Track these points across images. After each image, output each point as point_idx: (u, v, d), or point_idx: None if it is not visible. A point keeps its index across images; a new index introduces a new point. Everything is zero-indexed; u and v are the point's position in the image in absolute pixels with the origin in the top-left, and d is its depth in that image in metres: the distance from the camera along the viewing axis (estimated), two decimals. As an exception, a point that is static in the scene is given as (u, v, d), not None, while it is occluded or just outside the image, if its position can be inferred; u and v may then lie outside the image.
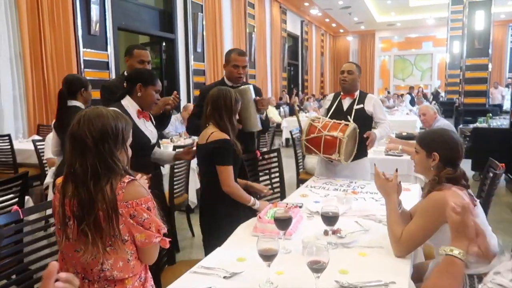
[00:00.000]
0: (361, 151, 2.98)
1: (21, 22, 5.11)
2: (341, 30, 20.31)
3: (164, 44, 8.27)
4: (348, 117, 2.93)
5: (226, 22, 9.97)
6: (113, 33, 6.43)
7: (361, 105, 3.03)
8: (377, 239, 1.78)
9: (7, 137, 4.23)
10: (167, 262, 2.14)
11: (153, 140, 2.37)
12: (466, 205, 1.13)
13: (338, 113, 3.01)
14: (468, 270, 1.53)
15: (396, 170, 1.82)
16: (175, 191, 3.30)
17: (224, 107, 2.23)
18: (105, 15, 6.26)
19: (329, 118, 2.97)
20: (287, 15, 14.14)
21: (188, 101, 8.31)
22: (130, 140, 1.43)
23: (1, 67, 5.02)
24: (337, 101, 3.10)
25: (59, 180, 1.38)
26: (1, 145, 4.27)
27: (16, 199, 2.11)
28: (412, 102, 12.43)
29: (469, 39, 10.04)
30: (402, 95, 14.12)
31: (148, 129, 2.33)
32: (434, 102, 13.51)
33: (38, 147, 3.89)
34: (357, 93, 3.08)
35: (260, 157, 2.96)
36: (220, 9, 9.51)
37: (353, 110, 3.00)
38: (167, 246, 1.39)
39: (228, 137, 2.19)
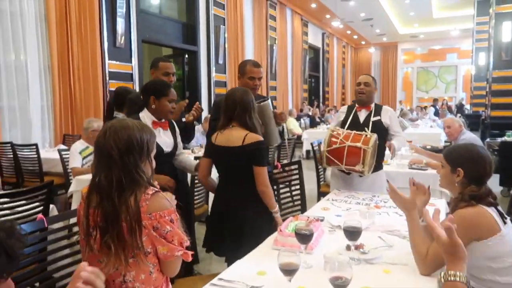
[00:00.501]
0: (378, 164, 2.96)
1: (50, 36, 5.29)
2: (363, 42, 20.22)
3: (186, 56, 8.41)
4: (366, 129, 2.89)
5: (248, 34, 10.07)
6: (137, 46, 6.59)
7: (378, 117, 3.02)
8: (401, 256, 1.72)
9: (34, 146, 4.35)
10: (184, 273, 2.14)
11: (167, 149, 2.39)
12: (448, 225, 1.09)
13: (355, 125, 2.99)
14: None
15: (429, 187, 1.75)
16: (195, 201, 3.31)
17: (252, 107, 2.24)
18: (130, 28, 6.43)
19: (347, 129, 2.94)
20: (309, 27, 14.18)
21: (210, 112, 8.39)
22: (154, 151, 1.45)
23: (31, 79, 5.20)
24: (352, 114, 3.08)
25: (85, 189, 1.40)
26: (28, 154, 4.39)
27: (41, 208, 2.15)
28: (437, 115, 12.19)
29: (496, 50, 9.79)
30: (425, 108, 13.86)
31: (163, 138, 2.37)
32: (459, 115, 13.21)
33: (63, 156, 3.98)
34: (372, 105, 3.08)
35: (281, 169, 2.94)
36: (242, 22, 9.63)
37: (370, 122, 2.98)
38: (190, 259, 1.38)
39: (262, 138, 2.22)
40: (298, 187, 3.08)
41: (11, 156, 4.47)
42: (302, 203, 3.02)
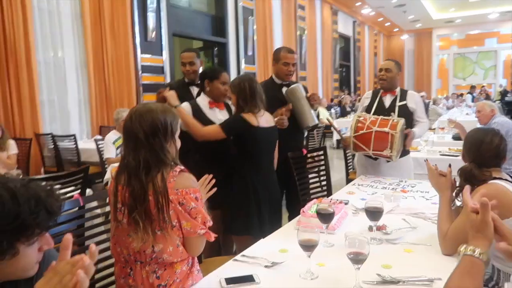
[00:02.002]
0: (404, 149, 2.92)
1: (85, 33, 5.52)
2: (396, 29, 19.63)
3: (216, 48, 8.51)
4: (392, 113, 2.86)
5: (276, 25, 10.04)
6: (168, 39, 6.75)
7: (404, 102, 2.98)
8: (425, 237, 1.73)
9: (72, 137, 4.59)
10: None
11: None
12: (485, 203, 1.06)
13: (381, 110, 2.96)
14: (494, 263, 1.45)
15: (450, 166, 1.75)
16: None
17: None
18: (160, 22, 6.59)
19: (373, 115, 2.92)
20: (338, 16, 13.93)
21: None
22: (178, 132, 1.52)
23: (68, 74, 5.46)
24: (377, 99, 3.05)
25: (115, 169, 1.50)
26: (67, 144, 4.64)
27: (79, 191, 2.30)
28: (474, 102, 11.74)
29: (539, 33, 9.28)
30: (462, 95, 13.35)
31: (217, 117, 2.53)
32: (497, 101, 12.64)
33: (99, 146, 4.16)
34: (397, 90, 3.03)
35: (307, 155, 2.97)
36: (270, 13, 9.61)
37: (396, 107, 2.95)
38: (212, 239, 1.45)
39: None
40: (324, 173, 3.09)
41: (52, 147, 4.73)
42: (328, 189, 3.03)
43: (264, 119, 2.40)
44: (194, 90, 2.92)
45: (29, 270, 0.91)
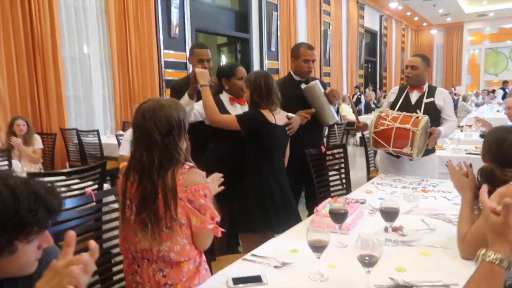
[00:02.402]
0: (429, 147, 2.80)
1: (110, 29, 5.61)
2: (424, 24, 19.05)
3: (239, 44, 8.49)
4: (418, 110, 2.76)
5: (301, 20, 9.93)
6: (191, 35, 6.78)
7: (431, 99, 2.87)
8: (443, 240, 1.65)
9: (95, 132, 4.68)
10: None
11: None
12: (508, 203, 0.97)
13: (406, 107, 2.86)
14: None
15: (470, 165, 1.67)
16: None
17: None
18: (184, 18, 6.63)
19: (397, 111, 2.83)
20: (365, 11, 13.66)
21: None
22: (187, 126, 1.50)
23: (93, 70, 5.57)
24: (404, 95, 2.95)
25: (123, 164, 1.49)
26: (91, 139, 4.74)
27: (96, 186, 2.33)
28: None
29: None
30: (493, 91, 12.84)
31: (238, 112, 2.48)
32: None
33: (121, 142, 4.22)
34: (425, 87, 2.92)
35: (325, 152, 2.92)
36: (295, 7, 9.51)
37: (423, 104, 2.84)
38: (219, 234, 1.44)
39: None
40: (343, 171, 3.03)
41: (76, 141, 4.84)
42: (347, 187, 2.97)
43: (280, 117, 2.38)
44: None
45: (28, 268, 0.91)
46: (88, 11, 5.46)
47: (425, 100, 2.87)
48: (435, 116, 2.82)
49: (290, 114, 2.61)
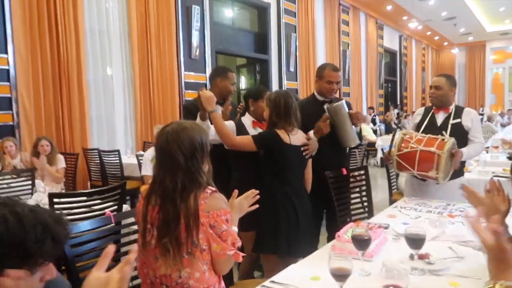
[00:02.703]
0: (458, 170, 2.70)
1: (133, 51, 5.76)
2: (445, 43, 18.90)
3: (258, 65, 8.58)
4: (444, 132, 2.68)
5: (319, 41, 9.98)
6: (211, 57, 6.89)
7: (458, 120, 2.77)
8: (474, 269, 1.57)
9: (116, 152, 4.75)
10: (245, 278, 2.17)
11: None
12: (494, 228, 0.96)
13: (432, 128, 2.77)
14: None
15: (491, 179, 1.59)
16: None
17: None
18: (204, 40, 6.76)
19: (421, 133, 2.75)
20: (384, 30, 13.65)
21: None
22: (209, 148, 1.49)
23: (115, 91, 5.70)
24: (429, 116, 2.87)
25: (144, 187, 1.49)
26: (112, 159, 4.80)
27: (116, 207, 2.34)
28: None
29: None
30: (519, 111, 12.52)
31: None
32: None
33: (141, 162, 4.26)
34: (452, 107, 2.83)
35: (347, 174, 2.86)
36: (314, 28, 9.58)
37: (449, 125, 2.75)
38: (240, 260, 1.41)
39: None
40: (365, 193, 2.96)
41: (98, 161, 4.91)
42: (369, 210, 2.89)
43: (297, 138, 2.36)
44: (219, 109, 2.90)
45: None
46: (112, 35, 5.63)
47: (451, 121, 2.78)
48: (462, 138, 2.72)
49: (311, 134, 2.58)
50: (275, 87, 8.58)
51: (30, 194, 3.12)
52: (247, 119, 2.58)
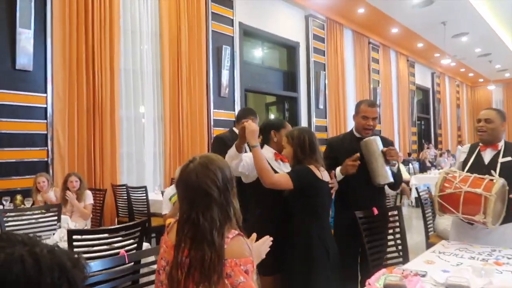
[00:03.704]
0: (510, 213, 2.41)
1: (164, 90, 5.91)
2: (481, 80, 18.44)
3: (287, 102, 8.60)
4: (492, 172, 2.44)
5: (349, 79, 9.97)
6: (240, 95, 6.98)
7: (509, 158, 2.51)
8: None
9: (143, 189, 4.75)
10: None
11: None
12: None
13: (478, 167, 2.53)
14: None
15: None
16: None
17: None
18: (234, 79, 6.88)
19: (466, 172, 2.55)
20: (416, 68, 13.51)
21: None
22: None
23: (146, 128, 5.82)
24: (475, 154, 2.63)
25: (170, 220, 1.40)
26: (139, 195, 4.80)
27: (135, 245, 2.27)
28: None
29: None
30: None
31: (282, 169, 2.41)
32: None
33: (167, 198, 4.22)
34: (501, 144, 2.58)
35: (378, 214, 2.69)
36: (343, 66, 9.60)
37: (498, 164, 2.50)
38: None
39: None
40: (399, 236, 2.76)
41: (125, 197, 4.93)
42: (403, 255, 2.68)
43: (326, 174, 2.30)
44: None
45: None
46: (145, 74, 5.81)
47: (500, 160, 2.52)
48: None
49: (337, 171, 2.56)
50: (304, 124, 8.56)
51: (55, 230, 3.13)
52: (268, 152, 2.45)
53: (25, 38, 4.49)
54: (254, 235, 1.50)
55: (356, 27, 10.09)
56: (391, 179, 2.58)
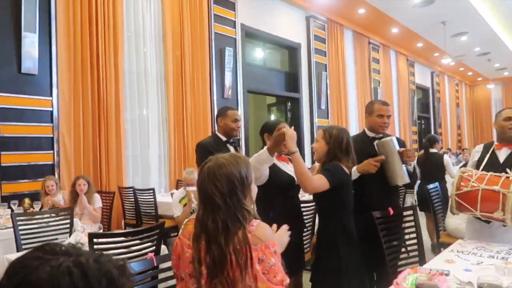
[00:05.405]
0: None
1: (168, 92, 5.90)
2: (480, 78, 18.51)
3: (289, 103, 8.61)
4: (508, 170, 2.44)
5: (350, 79, 9.98)
6: (243, 96, 6.98)
7: None
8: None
9: (151, 191, 4.73)
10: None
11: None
12: None
13: (493, 167, 2.53)
14: None
15: None
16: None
17: None
18: (236, 80, 6.88)
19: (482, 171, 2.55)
20: (415, 67, 13.54)
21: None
22: (252, 178, 1.41)
23: (151, 131, 5.80)
24: (489, 152, 2.64)
25: (191, 222, 1.41)
26: (146, 197, 4.78)
27: (154, 248, 2.26)
28: None
29: None
30: None
31: (288, 169, 2.42)
32: None
33: (175, 201, 4.21)
34: None
35: (394, 214, 2.68)
36: (344, 67, 9.61)
37: None
38: None
39: None
40: (414, 235, 2.75)
41: (133, 199, 4.91)
42: (420, 255, 2.67)
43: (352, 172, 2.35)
44: (231, 148, 2.86)
45: None
46: (149, 76, 5.80)
47: None
48: None
49: (352, 170, 2.54)
50: (306, 124, 8.56)
51: (67, 233, 3.11)
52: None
53: (30, 42, 4.48)
54: (275, 226, 1.53)
55: (356, 27, 10.11)
56: (408, 180, 2.60)
